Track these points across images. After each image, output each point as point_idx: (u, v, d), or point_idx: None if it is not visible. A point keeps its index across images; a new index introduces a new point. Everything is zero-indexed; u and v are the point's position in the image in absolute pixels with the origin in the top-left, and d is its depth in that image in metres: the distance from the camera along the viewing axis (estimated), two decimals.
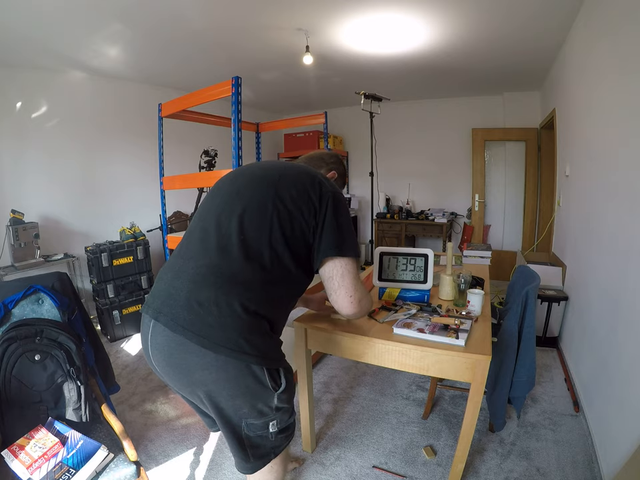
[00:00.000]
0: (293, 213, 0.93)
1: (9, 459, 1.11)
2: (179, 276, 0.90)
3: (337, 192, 1.00)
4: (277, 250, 0.91)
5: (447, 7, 2.20)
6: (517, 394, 1.42)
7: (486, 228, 4.47)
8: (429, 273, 1.52)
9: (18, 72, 2.82)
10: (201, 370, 0.85)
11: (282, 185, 0.96)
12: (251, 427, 0.93)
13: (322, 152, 1.31)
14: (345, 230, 0.96)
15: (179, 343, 0.84)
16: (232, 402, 0.90)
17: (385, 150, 4.53)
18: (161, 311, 0.88)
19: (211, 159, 3.09)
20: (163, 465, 1.59)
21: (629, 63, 1.49)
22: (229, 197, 0.99)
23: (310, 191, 0.96)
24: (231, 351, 0.83)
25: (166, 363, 0.89)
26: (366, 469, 1.56)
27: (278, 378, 0.92)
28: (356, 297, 0.97)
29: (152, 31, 2.43)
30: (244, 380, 0.87)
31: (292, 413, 0.99)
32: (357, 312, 1.00)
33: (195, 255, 0.92)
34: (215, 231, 0.93)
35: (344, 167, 1.33)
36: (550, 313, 2.51)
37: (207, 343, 0.82)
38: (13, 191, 2.87)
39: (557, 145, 3.00)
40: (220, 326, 0.83)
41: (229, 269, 0.88)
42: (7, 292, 1.35)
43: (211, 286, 0.86)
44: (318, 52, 2.86)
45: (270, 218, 0.92)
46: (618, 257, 1.56)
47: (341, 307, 0.98)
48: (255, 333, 0.87)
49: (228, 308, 0.84)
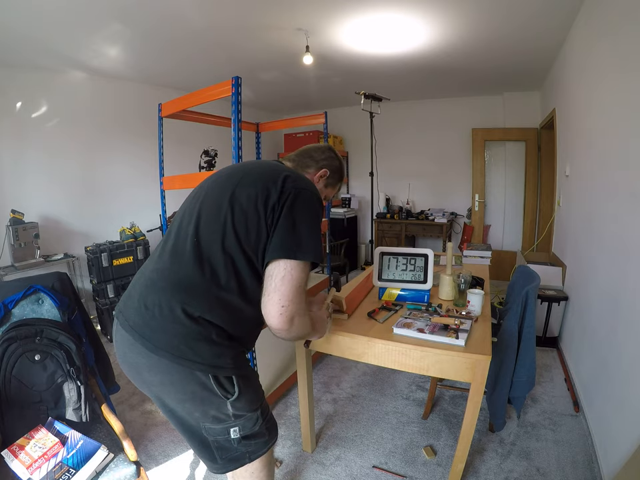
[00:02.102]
0: (248, 213, 0.85)
1: (9, 459, 1.11)
2: (139, 279, 0.93)
3: (304, 189, 0.89)
4: (231, 255, 0.84)
5: (447, 7, 2.20)
6: (517, 394, 1.42)
7: (486, 228, 4.47)
8: (428, 273, 1.52)
9: (18, 72, 2.83)
10: (147, 371, 0.86)
11: (242, 183, 0.90)
12: (209, 430, 0.89)
13: (312, 148, 1.16)
14: (302, 231, 0.85)
15: (130, 343, 0.85)
16: (182, 405, 0.88)
17: (385, 150, 4.53)
18: (121, 310, 0.91)
19: (211, 158, 3.09)
20: (163, 465, 1.60)
21: (629, 63, 1.49)
22: (193, 199, 0.96)
23: (271, 187, 0.86)
24: (172, 356, 0.81)
25: (122, 361, 0.91)
26: (366, 469, 1.56)
27: (230, 386, 0.86)
28: (289, 309, 0.81)
29: (152, 30, 2.43)
30: (189, 386, 0.84)
31: (257, 420, 0.92)
32: (285, 329, 0.83)
33: (154, 258, 0.93)
34: (175, 234, 0.92)
35: (339, 160, 1.18)
36: (550, 313, 2.51)
37: (150, 346, 0.82)
38: (12, 191, 2.88)
39: (557, 145, 3.00)
40: (162, 330, 0.82)
41: (177, 273, 0.85)
42: (7, 292, 1.35)
43: (159, 290, 0.85)
44: (318, 52, 2.86)
45: (224, 220, 0.85)
46: (618, 256, 1.56)
47: (268, 314, 0.82)
48: (198, 339, 0.82)
49: (170, 313, 0.82)
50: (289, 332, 0.85)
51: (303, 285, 0.84)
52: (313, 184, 1.00)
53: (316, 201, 0.91)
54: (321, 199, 0.94)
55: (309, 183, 0.95)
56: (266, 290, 0.83)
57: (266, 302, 0.82)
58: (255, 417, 0.92)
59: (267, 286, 0.83)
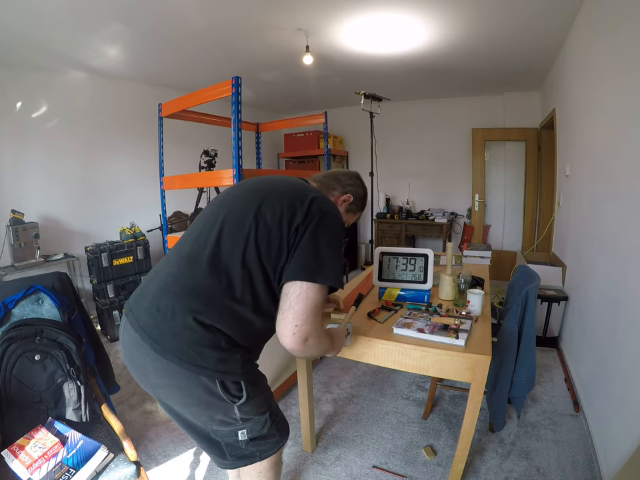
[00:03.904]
0: (272, 230, 0.85)
1: (9, 459, 1.11)
2: (153, 279, 0.92)
3: (330, 212, 0.89)
4: (249, 269, 0.84)
5: (447, 7, 2.20)
6: (517, 394, 1.42)
7: (486, 228, 4.47)
8: (428, 273, 1.52)
9: (18, 72, 2.83)
10: (154, 373, 0.86)
11: (269, 199, 0.90)
12: (217, 432, 0.90)
13: (340, 172, 1.18)
14: (323, 255, 0.84)
15: (138, 344, 0.85)
16: (188, 409, 0.89)
17: (385, 150, 4.53)
18: (131, 308, 0.90)
19: (211, 159, 3.09)
20: (163, 465, 1.59)
21: (629, 63, 1.49)
22: (218, 208, 0.96)
23: (297, 207, 0.86)
24: (180, 360, 0.81)
25: (128, 361, 0.91)
26: (366, 468, 1.56)
27: (237, 390, 0.86)
28: (303, 329, 0.80)
29: (152, 30, 2.43)
30: (194, 390, 0.84)
31: (266, 423, 0.93)
32: (299, 349, 0.82)
33: (171, 261, 0.93)
34: (194, 240, 0.91)
35: (364, 190, 1.20)
36: (550, 313, 2.51)
37: (159, 349, 0.82)
38: (12, 191, 2.88)
39: (557, 145, 3.00)
40: (172, 334, 0.82)
41: (192, 279, 0.85)
42: (7, 292, 1.35)
43: (172, 294, 0.85)
44: (318, 52, 2.86)
45: (247, 233, 0.85)
46: (618, 256, 1.56)
47: (281, 333, 0.82)
48: (207, 346, 0.82)
49: (182, 318, 0.82)
50: (302, 352, 0.84)
51: (318, 306, 0.83)
52: (337, 208, 1.01)
53: (340, 225, 0.91)
54: (344, 223, 0.95)
55: (334, 207, 0.95)
56: (281, 309, 0.83)
57: (280, 320, 0.82)
58: (264, 420, 0.92)
59: (282, 304, 0.83)
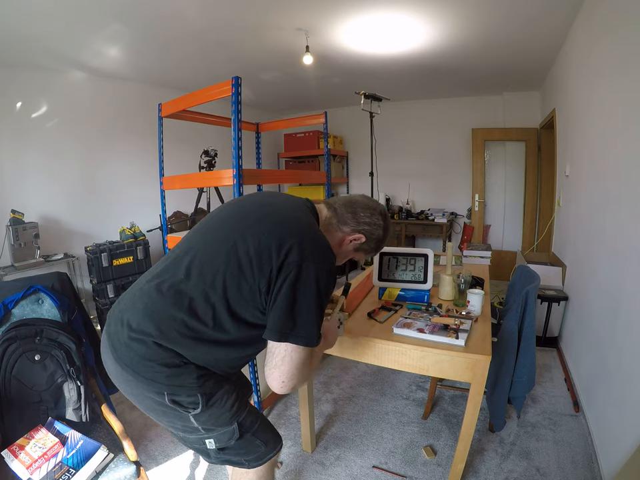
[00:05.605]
0: (244, 269, 0.80)
1: (9, 459, 1.11)
2: (132, 287, 0.94)
3: (312, 262, 0.79)
4: (214, 306, 0.80)
5: (447, 7, 2.20)
6: (517, 394, 1.42)
7: (486, 228, 4.47)
8: (428, 273, 1.52)
9: (18, 72, 2.82)
10: (115, 377, 0.89)
11: (251, 230, 0.84)
12: (185, 439, 0.92)
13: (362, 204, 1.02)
14: (297, 311, 0.78)
15: (107, 349, 0.88)
16: (152, 414, 0.89)
17: (385, 150, 4.53)
18: (110, 315, 0.93)
19: (211, 159, 3.09)
20: (163, 465, 1.59)
21: (629, 63, 1.49)
22: (198, 234, 0.93)
23: (273, 253, 0.79)
24: (132, 371, 0.82)
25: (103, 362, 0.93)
26: (366, 468, 1.56)
27: (191, 403, 0.83)
28: (289, 384, 0.81)
29: (152, 30, 2.43)
30: (147, 400, 0.85)
31: (234, 434, 0.89)
32: (284, 392, 0.84)
33: (147, 276, 0.93)
34: (170, 262, 0.89)
35: (385, 232, 1.04)
36: (550, 313, 2.51)
37: (116, 357, 0.84)
38: (12, 191, 2.87)
39: (557, 145, 3.00)
40: (127, 347, 0.83)
41: (154, 304, 0.83)
42: (7, 292, 1.35)
43: (135, 311, 0.85)
44: (318, 52, 2.85)
45: (216, 269, 0.81)
46: (618, 256, 1.56)
47: (270, 384, 0.82)
48: (158, 362, 0.81)
49: (136, 334, 0.82)
50: (288, 392, 0.84)
51: (304, 362, 0.82)
52: (328, 251, 0.87)
53: (322, 275, 0.80)
54: (331, 269, 0.84)
55: (322, 253, 0.84)
56: (267, 362, 0.82)
57: (267, 374, 0.82)
58: (231, 431, 0.89)
59: (268, 359, 0.82)
